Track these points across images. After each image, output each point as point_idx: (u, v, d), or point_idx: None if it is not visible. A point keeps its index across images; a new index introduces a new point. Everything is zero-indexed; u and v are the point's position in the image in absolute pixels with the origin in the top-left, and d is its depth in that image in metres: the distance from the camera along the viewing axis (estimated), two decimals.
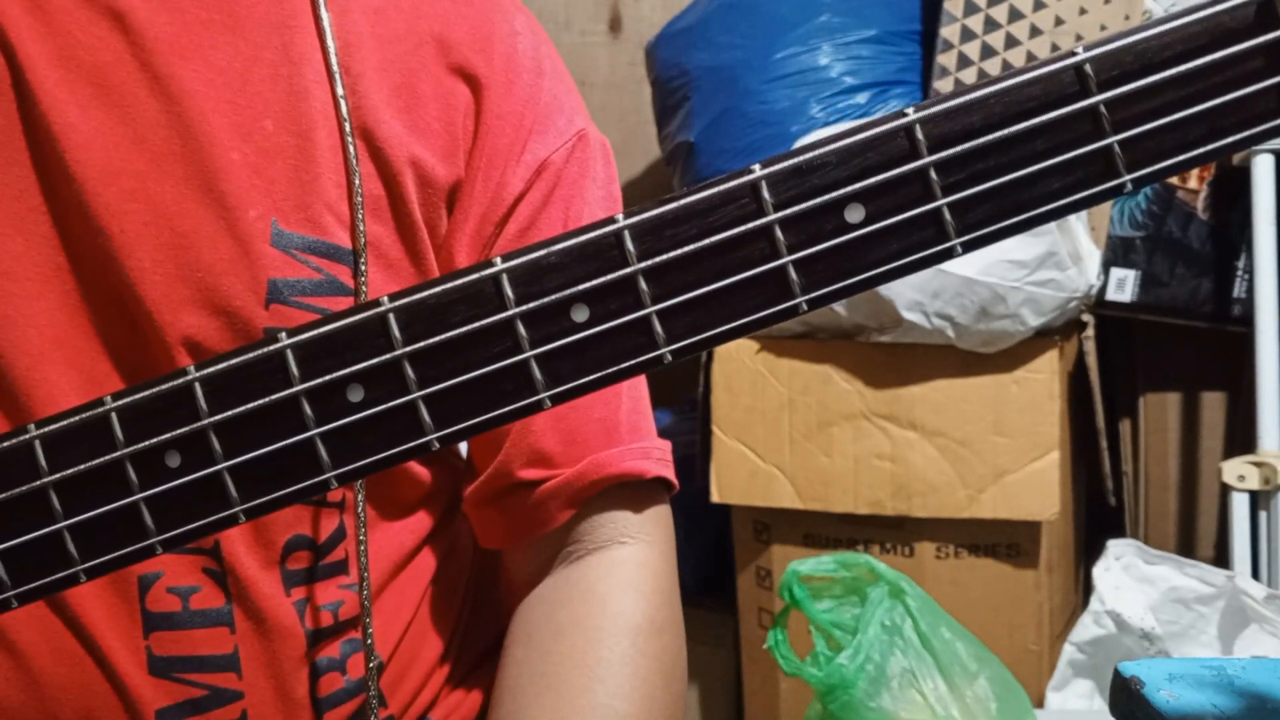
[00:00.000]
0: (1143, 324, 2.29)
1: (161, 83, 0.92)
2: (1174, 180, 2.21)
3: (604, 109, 2.87)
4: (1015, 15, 2.29)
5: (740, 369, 2.18)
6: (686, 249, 0.59)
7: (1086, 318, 2.20)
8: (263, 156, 0.94)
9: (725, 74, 2.34)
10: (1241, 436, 2.22)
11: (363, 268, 0.96)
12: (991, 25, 2.30)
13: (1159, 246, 2.21)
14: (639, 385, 1.07)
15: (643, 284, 0.59)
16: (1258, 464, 1.98)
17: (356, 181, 0.95)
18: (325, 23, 0.96)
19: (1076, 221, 2.09)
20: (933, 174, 0.57)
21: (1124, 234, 2.22)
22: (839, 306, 2.06)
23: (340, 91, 0.95)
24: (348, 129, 0.95)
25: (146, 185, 0.91)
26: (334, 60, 0.96)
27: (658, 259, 0.59)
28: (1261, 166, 2.06)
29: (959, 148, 0.57)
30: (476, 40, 1.01)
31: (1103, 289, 2.22)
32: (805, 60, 2.30)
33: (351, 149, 0.95)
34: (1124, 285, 2.21)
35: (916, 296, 2.00)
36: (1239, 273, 2.19)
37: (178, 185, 0.91)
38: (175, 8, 0.93)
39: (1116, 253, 2.23)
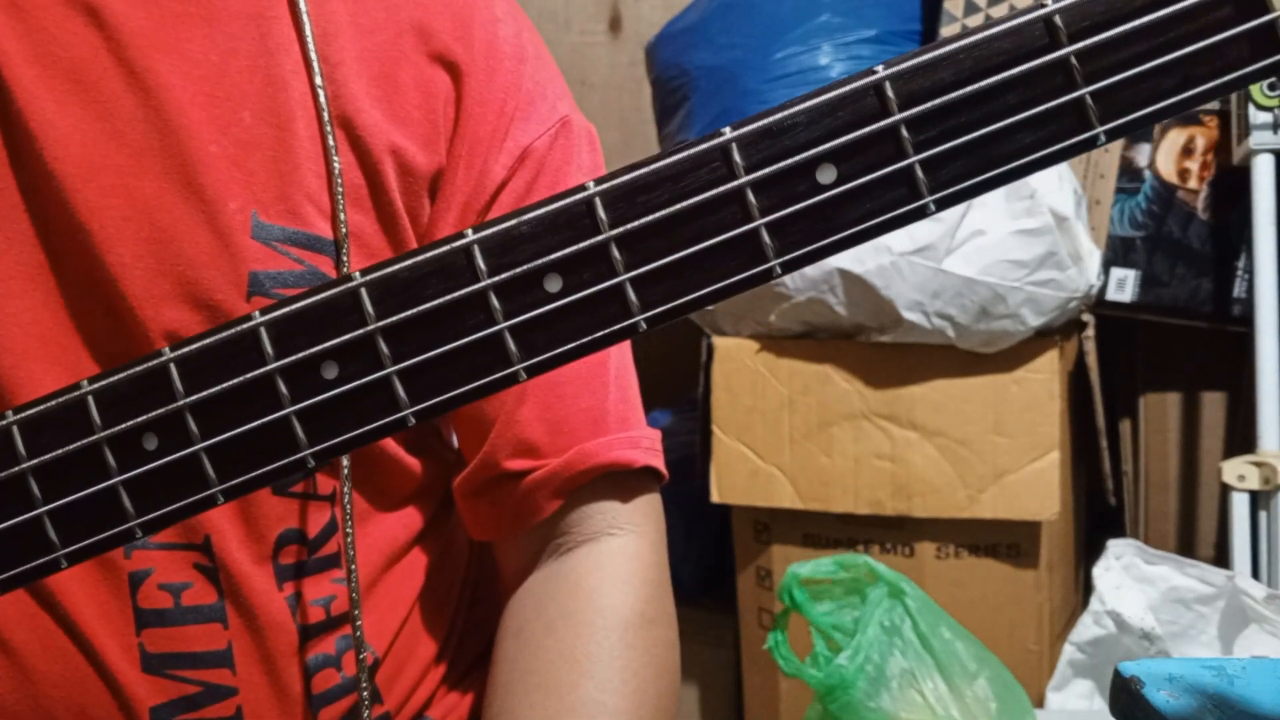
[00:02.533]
0: (1143, 324, 2.29)
1: (138, 77, 0.92)
2: (1174, 180, 2.21)
3: (604, 109, 2.87)
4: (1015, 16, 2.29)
5: (740, 369, 2.18)
6: (658, 215, 0.59)
7: (1087, 318, 2.20)
8: (241, 148, 0.93)
9: (725, 74, 2.33)
10: (1241, 436, 2.22)
11: (345, 259, 0.95)
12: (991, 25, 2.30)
13: (1159, 246, 2.21)
14: (627, 374, 1.07)
15: (615, 252, 0.59)
16: (1258, 464, 1.97)
17: (336, 170, 0.95)
18: (303, 11, 0.96)
19: (1076, 221, 2.08)
20: (904, 131, 0.57)
21: (1124, 234, 2.22)
22: (839, 306, 2.06)
23: (319, 81, 0.95)
24: (326, 119, 0.95)
25: (125, 180, 0.91)
26: (312, 49, 0.96)
27: (629, 226, 0.59)
28: (1261, 166, 2.05)
29: (929, 104, 0.57)
30: (456, 27, 1.01)
31: (1103, 289, 2.22)
32: (805, 60, 2.29)
33: (330, 139, 0.95)
34: (1124, 285, 2.21)
35: (916, 296, 2.00)
36: (1239, 273, 2.18)
37: (157, 180, 0.91)
38: (150, 1, 0.93)
39: (1116, 253, 2.22)
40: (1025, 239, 1.98)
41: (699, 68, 2.37)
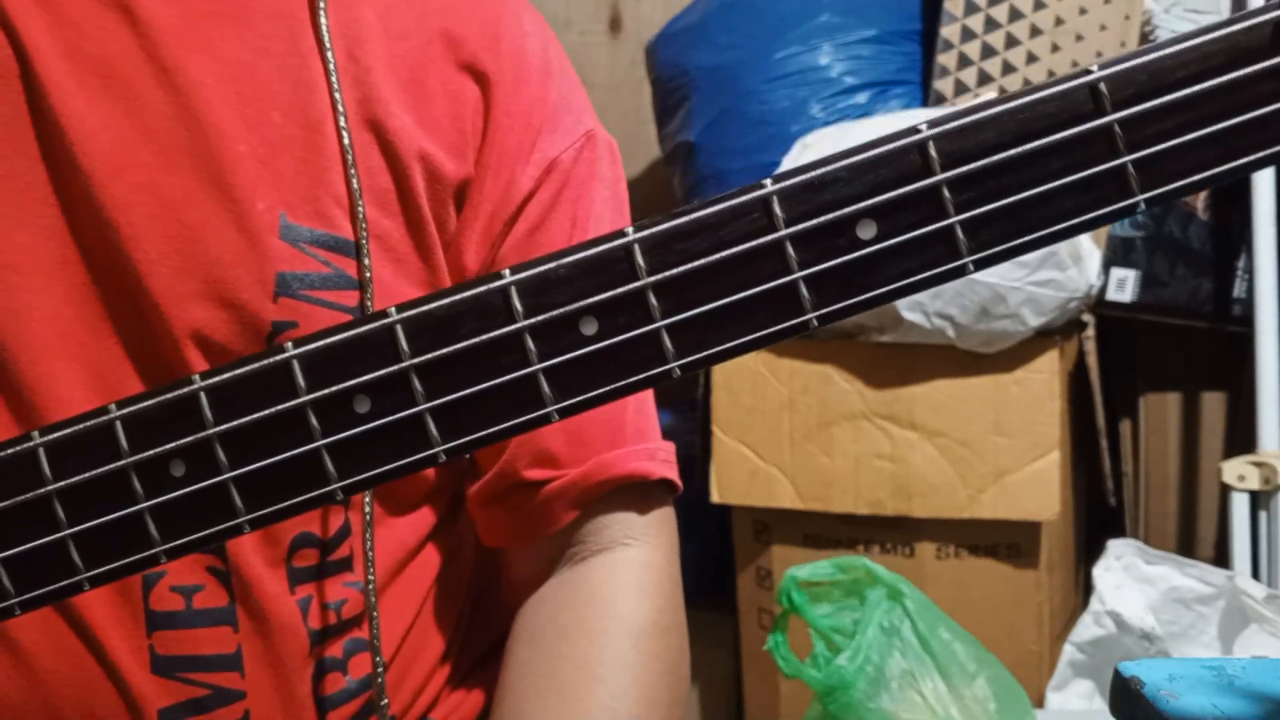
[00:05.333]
0: (1143, 324, 2.29)
1: (169, 74, 0.91)
2: None
3: (604, 109, 2.84)
4: (1015, 15, 2.29)
5: (740, 369, 2.18)
6: (696, 264, 0.59)
7: (1087, 318, 2.20)
8: (270, 149, 0.93)
9: (725, 74, 2.33)
10: (1241, 436, 2.22)
11: (367, 263, 0.95)
12: (992, 25, 2.30)
13: (1159, 246, 2.21)
14: None
15: (652, 298, 0.59)
16: (1258, 464, 1.98)
17: (353, 173, 0.95)
18: (323, 22, 0.96)
19: None
20: (945, 191, 0.57)
21: (1124, 234, 2.22)
22: None
23: (336, 87, 0.95)
24: (343, 123, 0.95)
25: (154, 178, 0.91)
26: (330, 54, 0.95)
27: (667, 273, 0.59)
28: None
29: (972, 165, 0.57)
30: (485, 38, 1.01)
31: (1103, 289, 2.22)
32: (805, 60, 2.29)
33: (348, 141, 0.95)
34: (1124, 285, 2.21)
35: (917, 296, 1.99)
36: (1239, 273, 2.18)
37: (185, 178, 0.91)
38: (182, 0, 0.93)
39: (1117, 253, 2.22)
40: None
41: (699, 68, 2.37)
